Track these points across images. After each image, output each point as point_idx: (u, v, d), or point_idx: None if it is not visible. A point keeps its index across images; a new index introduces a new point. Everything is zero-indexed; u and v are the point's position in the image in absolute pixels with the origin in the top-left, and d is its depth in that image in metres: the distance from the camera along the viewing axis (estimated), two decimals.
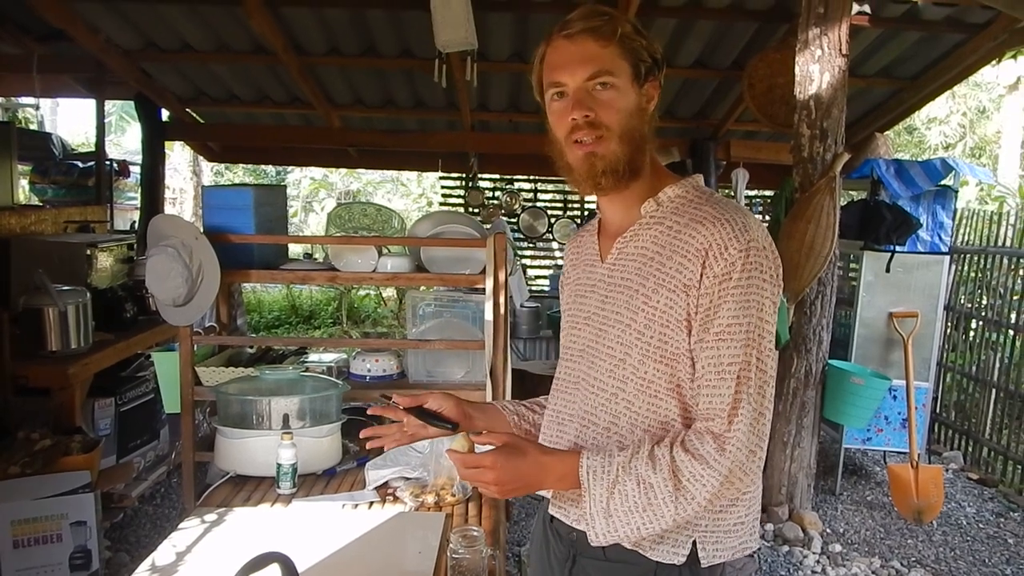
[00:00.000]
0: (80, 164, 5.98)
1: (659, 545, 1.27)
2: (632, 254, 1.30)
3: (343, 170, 14.23)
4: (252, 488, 2.23)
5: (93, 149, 6.09)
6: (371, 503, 2.15)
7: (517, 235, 7.15)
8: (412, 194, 15.29)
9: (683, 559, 1.26)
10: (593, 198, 1.37)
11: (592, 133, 1.24)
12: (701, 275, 1.20)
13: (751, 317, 1.19)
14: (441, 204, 7.77)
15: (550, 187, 7.39)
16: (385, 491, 2.21)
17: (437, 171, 7.10)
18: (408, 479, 2.23)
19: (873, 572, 3.61)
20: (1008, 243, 4.98)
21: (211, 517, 1.98)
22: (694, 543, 1.27)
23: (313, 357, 3.39)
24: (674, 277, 1.23)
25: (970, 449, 5.16)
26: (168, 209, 7.90)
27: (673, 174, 1.35)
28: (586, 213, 7.13)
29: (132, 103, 5.89)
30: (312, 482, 2.28)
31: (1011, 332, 4.89)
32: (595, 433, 1.32)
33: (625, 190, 1.30)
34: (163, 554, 1.78)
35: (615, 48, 1.23)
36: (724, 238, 1.20)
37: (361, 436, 1.53)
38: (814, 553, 3.74)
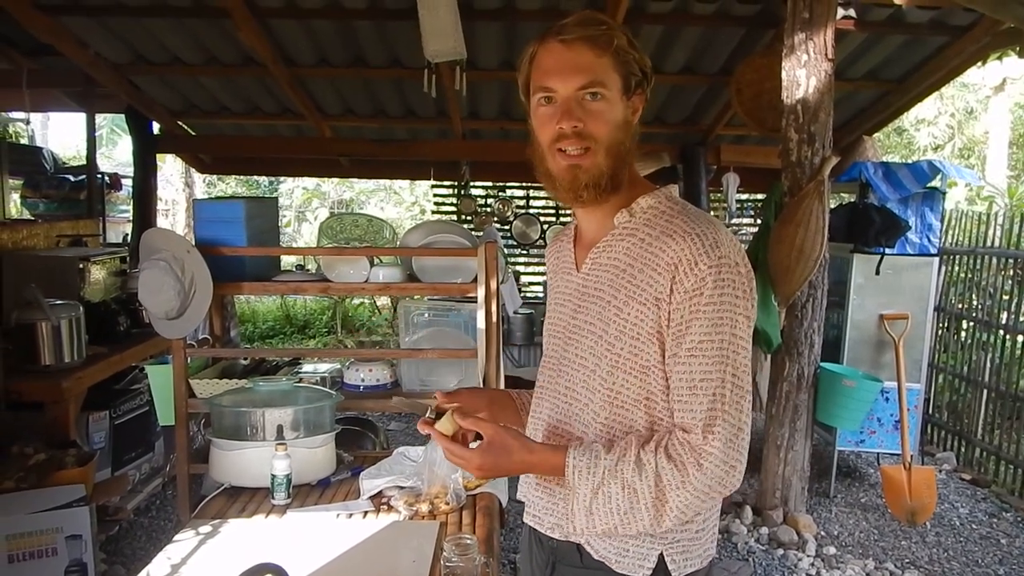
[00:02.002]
0: (71, 178, 5.99)
1: (623, 558, 1.27)
2: (605, 265, 1.30)
3: (335, 180, 14.24)
4: (247, 499, 2.24)
5: (84, 163, 6.10)
6: (365, 513, 2.15)
7: (510, 242, 7.16)
8: (405, 202, 15.32)
9: (648, 572, 1.27)
10: None
11: (579, 144, 1.22)
12: (671, 289, 1.20)
13: (723, 334, 1.19)
14: (434, 212, 7.79)
15: (542, 194, 7.41)
16: (379, 500, 2.21)
17: (429, 180, 7.12)
18: (402, 488, 2.24)
19: (867, 574, 3.62)
20: (997, 243, 5.01)
21: (206, 529, 1.99)
22: (661, 556, 1.27)
23: (307, 368, 3.41)
24: (644, 290, 1.23)
25: (963, 450, 5.18)
26: (161, 221, 7.92)
27: (648, 183, 1.34)
28: None
29: (123, 116, 5.90)
30: (306, 492, 2.29)
31: (1002, 332, 4.92)
32: (566, 442, 1.33)
33: (604, 202, 1.30)
34: (158, 566, 1.79)
35: (609, 59, 1.22)
36: (694, 253, 1.19)
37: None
38: (808, 556, 3.76)
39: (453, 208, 7.32)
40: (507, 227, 7.20)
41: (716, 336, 1.18)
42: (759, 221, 6.95)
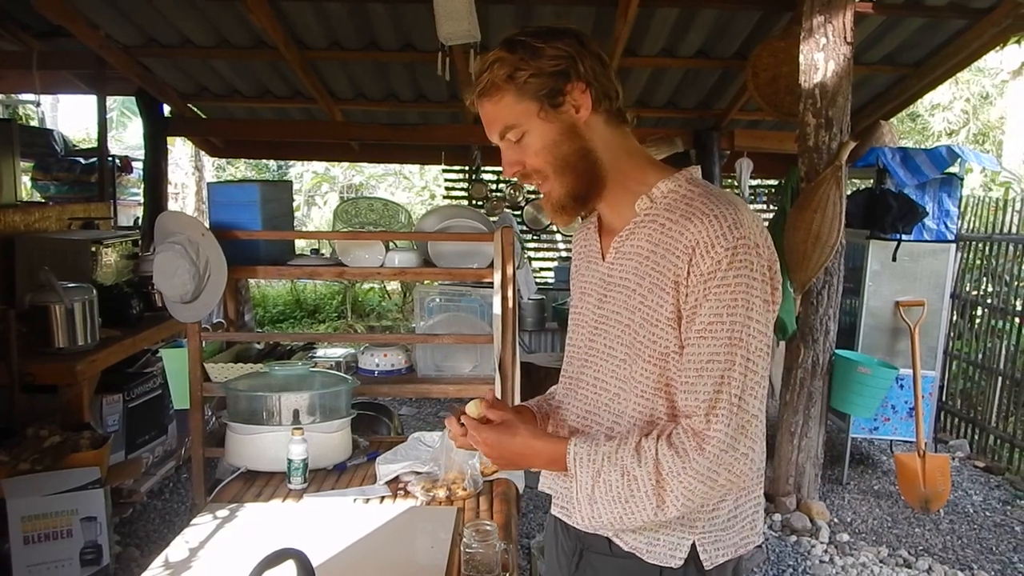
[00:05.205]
0: (82, 160, 5.98)
1: (654, 547, 1.25)
2: (629, 253, 1.28)
3: (345, 164, 14.21)
4: (263, 483, 2.23)
5: (95, 145, 6.09)
6: (382, 498, 2.14)
7: (521, 227, 7.13)
8: (415, 187, 15.27)
9: (680, 562, 1.25)
10: None
11: (531, 180, 1.29)
12: (688, 272, 1.17)
13: (736, 315, 1.15)
14: (444, 197, 7.76)
15: None
16: (396, 486, 2.20)
17: (440, 164, 7.09)
18: (419, 473, 2.23)
19: (881, 561, 3.61)
20: (1014, 230, 4.97)
21: (223, 513, 1.99)
22: (693, 545, 1.25)
23: (321, 352, 3.40)
24: (665, 275, 1.20)
25: (976, 437, 5.16)
26: (170, 204, 7.91)
27: (667, 167, 1.31)
28: None
29: (133, 99, 5.88)
30: (323, 477, 2.28)
31: (1017, 320, 4.88)
32: (597, 432, 1.31)
33: (601, 201, 1.31)
34: (176, 550, 1.79)
35: (510, 95, 1.22)
36: (712, 235, 1.16)
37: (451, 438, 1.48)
38: (822, 543, 3.75)
39: (463, 193, 7.29)
40: (518, 212, 7.17)
41: (728, 318, 1.15)
42: (772, 207, 6.93)
